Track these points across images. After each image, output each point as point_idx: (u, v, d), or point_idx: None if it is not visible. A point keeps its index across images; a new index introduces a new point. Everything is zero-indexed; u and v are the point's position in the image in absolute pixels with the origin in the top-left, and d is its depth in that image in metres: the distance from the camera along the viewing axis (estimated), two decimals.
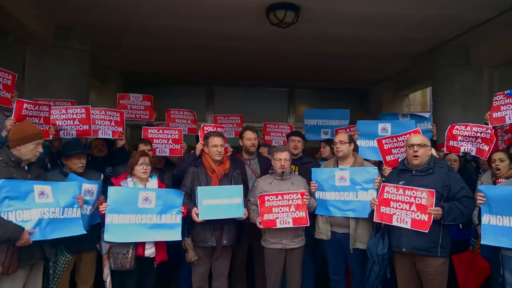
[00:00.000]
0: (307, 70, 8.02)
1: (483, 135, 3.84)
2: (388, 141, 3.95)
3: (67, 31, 5.86)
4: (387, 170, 3.70)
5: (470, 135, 3.91)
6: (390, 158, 3.91)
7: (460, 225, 3.69)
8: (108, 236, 3.24)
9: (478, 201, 2.95)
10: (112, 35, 6.15)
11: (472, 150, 3.90)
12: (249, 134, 4.20)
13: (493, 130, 3.86)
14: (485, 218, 2.90)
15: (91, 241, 3.41)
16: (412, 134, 3.70)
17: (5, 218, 2.70)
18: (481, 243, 2.96)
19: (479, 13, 5.15)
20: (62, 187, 3.06)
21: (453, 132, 4.02)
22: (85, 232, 3.14)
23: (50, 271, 3.21)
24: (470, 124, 3.97)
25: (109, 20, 5.53)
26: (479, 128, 3.88)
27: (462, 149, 3.93)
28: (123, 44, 6.61)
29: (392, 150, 3.92)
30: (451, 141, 4.03)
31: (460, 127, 3.99)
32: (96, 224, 3.44)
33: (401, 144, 3.83)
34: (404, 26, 5.57)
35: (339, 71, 8.12)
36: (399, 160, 3.79)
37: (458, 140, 3.97)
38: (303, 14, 5.09)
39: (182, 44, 6.49)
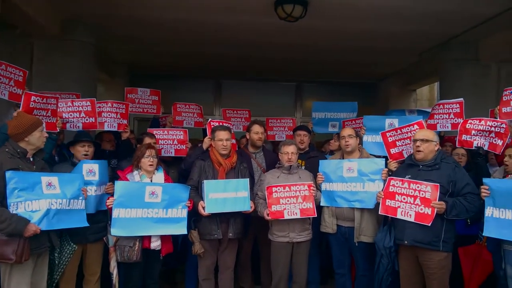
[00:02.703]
0: (315, 64, 7.99)
1: (497, 129, 3.77)
2: (392, 133, 3.94)
3: (74, 23, 5.87)
4: (392, 164, 3.69)
5: (484, 129, 3.84)
6: (395, 151, 3.90)
7: (468, 220, 3.68)
8: (115, 230, 3.27)
9: (482, 194, 2.95)
10: (120, 28, 6.16)
11: (485, 145, 3.84)
12: (256, 128, 4.22)
13: (508, 124, 3.79)
14: (489, 211, 2.91)
15: (97, 232, 3.46)
16: (418, 129, 3.70)
17: (15, 209, 2.79)
18: (483, 234, 2.99)
19: (488, 8, 5.08)
20: (68, 178, 3.12)
21: (467, 126, 3.94)
22: (88, 225, 3.18)
23: (56, 262, 3.25)
24: (484, 118, 3.90)
25: (116, 12, 5.53)
26: (493, 122, 3.81)
27: (475, 144, 3.86)
28: (130, 37, 6.62)
29: (396, 142, 3.91)
30: (463, 135, 3.95)
31: (474, 121, 3.91)
32: (101, 216, 3.47)
33: (405, 136, 3.82)
34: (412, 20, 5.51)
35: (347, 65, 8.07)
36: (403, 152, 3.83)
37: (472, 134, 3.90)
38: (311, 8, 5.06)
39: (190, 37, 6.49)
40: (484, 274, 3.58)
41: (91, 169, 3.38)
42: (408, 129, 3.81)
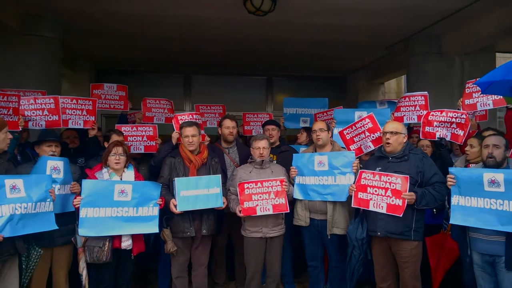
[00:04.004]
0: (285, 58, 8.01)
1: (458, 120, 3.92)
2: (348, 130, 4.04)
3: (36, 18, 5.61)
4: (356, 161, 3.72)
5: (445, 120, 3.98)
6: (354, 147, 3.99)
7: (434, 210, 3.80)
8: (83, 230, 3.17)
9: (449, 183, 3.05)
10: (84, 22, 5.94)
11: (447, 135, 3.98)
12: (227, 123, 4.20)
13: (467, 115, 3.94)
14: (455, 199, 3.01)
15: (65, 235, 3.34)
16: (370, 122, 3.84)
17: None
18: (450, 222, 3.07)
19: (451, 3, 5.24)
20: (34, 180, 2.98)
21: (429, 118, 4.08)
22: (57, 228, 3.07)
23: (23, 266, 3.13)
24: (446, 109, 4.05)
25: (79, 6, 5.32)
26: (454, 114, 3.96)
27: (437, 135, 4.00)
28: (95, 32, 6.39)
29: (354, 138, 4.01)
30: (426, 127, 4.09)
31: (436, 113, 4.06)
32: (70, 217, 3.36)
33: (360, 130, 3.92)
34: (379, 15, 5.61)
35: (317, 59, 8.14)
36: (362, 147, 3.93)
37: (434, 125, 4.04)
38: (281, 2, 5.06)
39: (158, 31, 6.34)
40: (449, 261, 3.71)
41: (55, 167, 3.26)
42: (361, 123, 3.92)
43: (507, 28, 5.34)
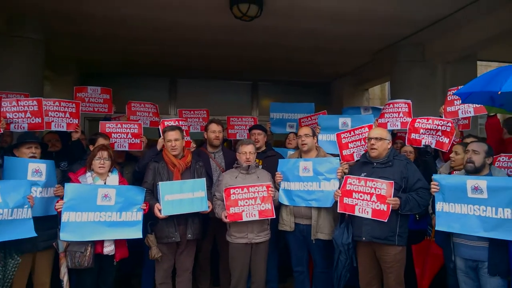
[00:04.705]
0: (271, 63, 8.05)
1: (444, 128, 3.98)
2: (346, 135, 4.06)
3: (21, 19, 5.54)
4: (344, 165, 3.75)
5: (431, 128, 4.04)
6: (346, 153, 4.01)
7: (417, 216, 3.84)
8: (65, 235, 3.11)
9: (432, 189, 3.10)
10: (69, 24, 5.87)
11: (432, 143, 4.04)
12: (213, 127, 4.19)
13: (453, 123, 4.00)
14: (439, 206, 3.06)
15: (47, 239, 3.26)
16: (368, 131, 3.82)
17: None
18: (436, 229, 3.11)
19: (434, 11, 5.36)
20: (11, 185, 2.91)
21: (415, 125, 4.13)
22: (36, 235, 2.98)
23: (0, 276, 3.01)
24: (432, 117, 4.10)
25: (65, 8, 5.26)
26: (440, 121, 4.02)
27: (423, 142, 4.05)
28: (80, 34, 6.32)
29: (349, 144, 4.03)
30: (412, 134, 4.13)
31: (422, 120, 4.11)
32: (52, 222, 3.28)
33: (357, 138, 3.95)
34: (364, 22, 5.70)
35: (302, 64, 8.20)
36: (354, 154, 3.96)
37: (420, 133, 4.08)
38: (267, 8, 5.10)
39: (144, 34, 6.30)
40: (434, 268, 3.73)
41: (37, 169, 3.18)
42: (360, 131, 3.94)
43: (488, 38, 5.49)
